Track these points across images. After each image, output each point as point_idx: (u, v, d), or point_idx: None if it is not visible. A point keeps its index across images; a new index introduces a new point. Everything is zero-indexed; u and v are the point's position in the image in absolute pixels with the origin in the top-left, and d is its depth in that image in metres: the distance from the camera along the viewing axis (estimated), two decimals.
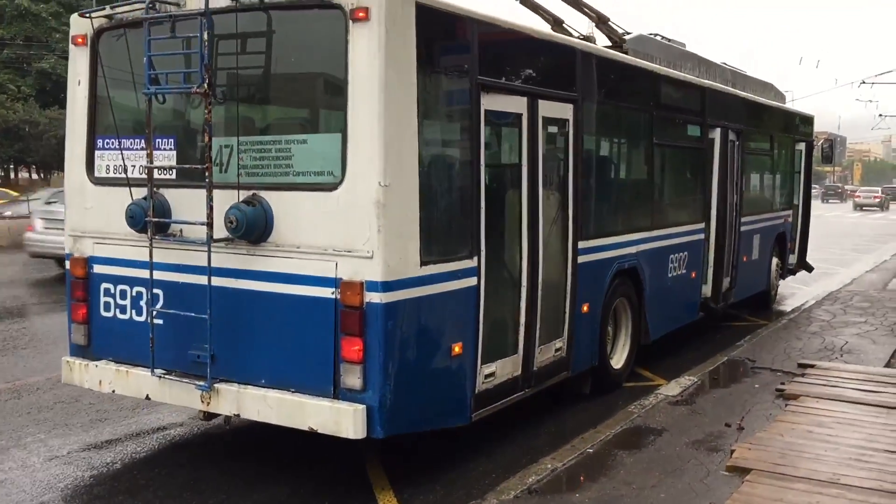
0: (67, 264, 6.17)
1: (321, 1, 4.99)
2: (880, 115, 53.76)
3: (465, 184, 5.63)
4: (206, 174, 5.17)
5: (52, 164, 41.78)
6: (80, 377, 6.02)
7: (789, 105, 14.99)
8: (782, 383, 7.65)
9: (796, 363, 8.45)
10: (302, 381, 5.16)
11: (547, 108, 6.46)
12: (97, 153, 6.03)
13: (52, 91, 41.58)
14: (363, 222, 4.90)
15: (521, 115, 6.21)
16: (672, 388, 7.56)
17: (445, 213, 5.54)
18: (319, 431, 5.05)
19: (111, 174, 5.95)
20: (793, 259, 13.99)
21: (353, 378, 4.99)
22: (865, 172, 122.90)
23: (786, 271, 13.60)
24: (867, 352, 9.22)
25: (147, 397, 5.75)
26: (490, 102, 5.79)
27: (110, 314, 5.97)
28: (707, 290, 10.01)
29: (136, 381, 5.73)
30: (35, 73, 40.68)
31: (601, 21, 9.51)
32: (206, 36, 5.07)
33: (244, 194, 5.25)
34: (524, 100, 6.22)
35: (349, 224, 4.96)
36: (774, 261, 12.78)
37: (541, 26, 8.39)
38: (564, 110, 6.75)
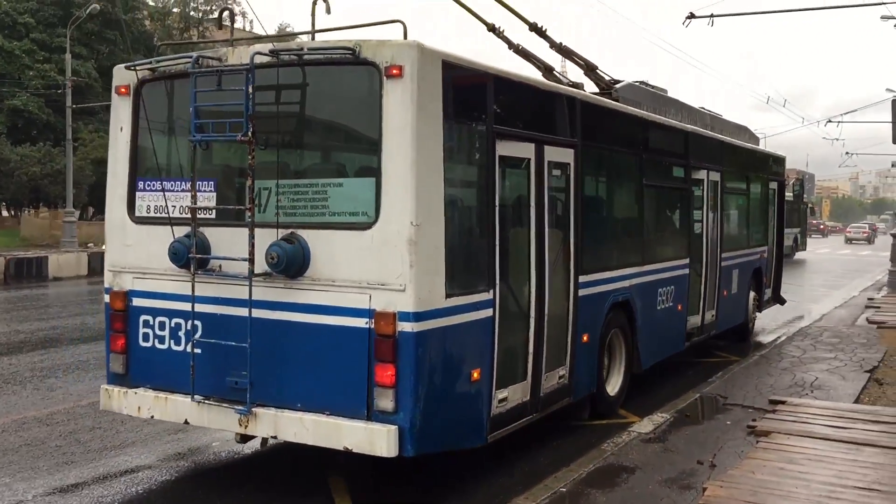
0: (107, 297, 6.66)
1: (357, 58, 5.58)
2: (847, 152, 55.71)
3: (482, 223, 6.25)
4: (249, 214, 5.72)
5: (22, 201, 41.88)
6: (119, 404, 6.48)
7: (761, 145, 15.90)
8: (754, 420, 7.81)
9: (767, 399, 8.64)
10: (336, 405, 5.67)
11: (551, 153, 7.11)
12: (138, 194, 6.55)
13: (24, 128, 41.83)
14: (396, 258, 5.46)
15: (530, 159, 6.85)
16: (645, 426, 7.71)
17: (466, 249, 6.13)
18: (354, 451, 5.55)
19: (151, 214, 6.47)
20: (768, 293, 14.76)
21: (385, 401, 5.51)
22: (834, 209, 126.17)
23: (762, 304, 14.35)
24: (836, 388, 9.43)
25: (186, 422, 6.22)
26: (503, 149, 6.43)
27: (149, 344, 6.45)
28: (695, 321, 10.68)
29: (175, 407, 6.20)
30: (7, 111, 40.89)
31: (590, 69, 10.27)
32: (250, 89, 5.65)
33: (282, 232, 5.79)
34: (532, 146, 6.87)
35: (382, 260, 5.51)
36: (752, 294, 13.53)
37: (533, 74, 9.12)
38: (566, 155, 7.41)
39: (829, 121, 40.29)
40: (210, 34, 52.13)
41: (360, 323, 5.59)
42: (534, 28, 9.89)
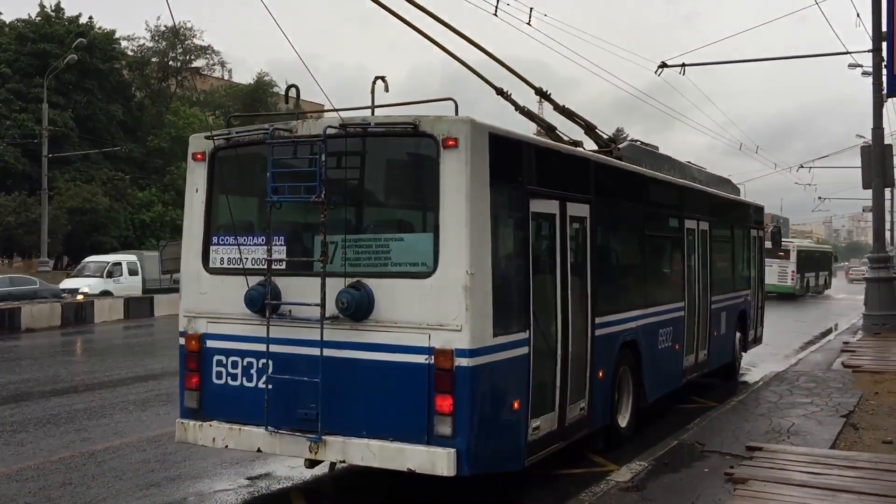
0: (182, 340, 7.57)
1: (416, 131, 6.65)
2: (819, 197, 58.35)
3: (519, 270, 7.29)
4: (322, 265, 6.71)
5: None
6: (194, 435, 7.35)
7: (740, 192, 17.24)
8: (731, 467, 7.87)
9: (745, 446, 8.71)
10: (398, 431, 6.59)
11: (572, 209, 8.21)
12: (212, 248, 7.52)
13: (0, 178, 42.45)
14: (453, 302, 6.46)
15: (555, 214, 7.94)
16: (623, 474, 7.76)
17: (507, 293, 7.13)
18: (417, 472, 6.48)
19: (224, 265, 7.43)
20: (752, 333, 15.96)
21: (444, 427, 6.46)
22: None
23: (747, 344, 15.54)
24: (813, 433, 9.51)
25: (258, 450, 7.12)
26: (535, 206, 7.51)
27: (221, 381, 7.35)
28: (690, 359, 11.78)
29: (249, 437, 7.09)
30: None
31: (589, 129, 11.46)
32: (323, 157, 6.68)
33: (349, 281, 6.77)
34: (557, 202, 7.97)
35: (440, 304, 6.50)
36: (738, 335, 14.71)
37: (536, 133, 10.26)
38: (583, 210, 8.51)
39: (801, 166, 42.46)
40: (189, 83, 53.41)
41: (421, 359, 6.56)
42: (539, 92, 11.01)
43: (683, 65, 22.81)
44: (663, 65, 22.81)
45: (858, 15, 23.42)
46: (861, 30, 22.83)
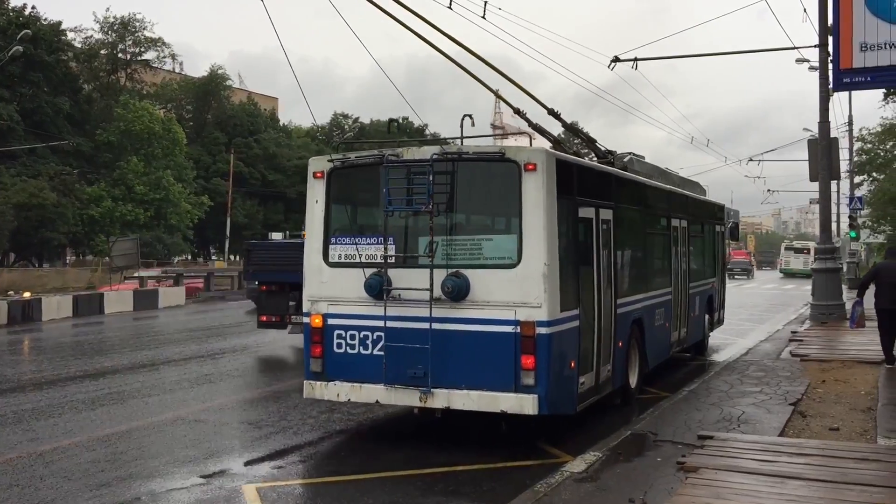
0: (306, 319, 10.02)
1: (503, 157, 9.23)
2: (768, 190, 62.53)
3: (572, 262, 9.92)
4: (430, 260, 9.25)
5: None
6: (321, 392, 9.85)
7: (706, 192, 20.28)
8: (683, 455, 8.36)
9: (696, 435, 9.30)
10: (491, 384, 9.14)
11: (602, 213, 10.90)
12: (331, 247, 9.98)
13: None
14: (534, 286, 9.04)
15: (592, 218, 10.61)
16: (577, 465, 8.24)
17: (567, 279, 9.72)
18: (509, 413, 9.06)
19: (342, 260, 9.90)
20: (717, 316, 19.00)
21: (528, 379, 9.04)
22: (758, 244, 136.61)
23: (713, 325, 18.60)
24: (762, 421, 10.14)
25: (377, 402, 9.63)
26: (581, 212, 10.18)
27: (341, 350, 9.82)
28: (675, 336, 14.67)
29: (368, 392, 9.60)
30: None
31: (590, 142, 14.19)
32: (431, 177, 9.22)
33: (450, 271, 9.30)
34: (593, 209, 10.65)
35: (524, 288, 9.08)
36: (707, 317, 17.72)
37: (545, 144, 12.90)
38: (608, 213, 11.20)
39: (751, 159, 45.58)
40: (138, 76, 54.51)
41: (509, 329, 9.12)
42: (551, 112, 13.59)
43: (636, 59, 23.75)
44: (616, 59, 23.85)
45: (805, 10, 24.89)
46: (808, 25, 24.29)
